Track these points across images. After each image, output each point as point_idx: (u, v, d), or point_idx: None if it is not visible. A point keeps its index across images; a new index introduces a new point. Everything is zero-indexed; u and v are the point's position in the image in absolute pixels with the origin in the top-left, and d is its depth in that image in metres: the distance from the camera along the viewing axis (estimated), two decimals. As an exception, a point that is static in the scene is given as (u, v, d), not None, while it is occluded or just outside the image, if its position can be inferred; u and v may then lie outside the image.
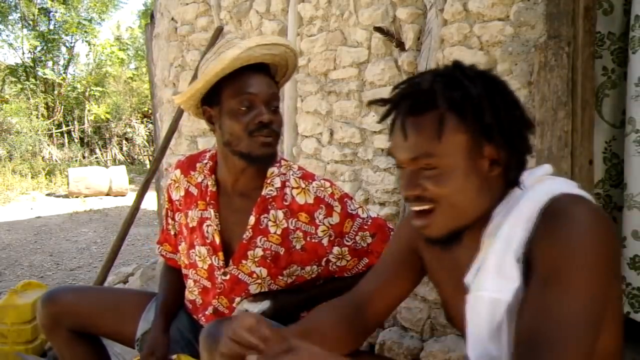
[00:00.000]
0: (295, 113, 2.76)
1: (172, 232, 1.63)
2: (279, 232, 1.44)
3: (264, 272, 1.45)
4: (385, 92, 2.31)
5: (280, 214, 1.44)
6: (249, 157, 1.40)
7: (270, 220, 1.44)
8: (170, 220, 1.63)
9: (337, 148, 2.52)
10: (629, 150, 1.67)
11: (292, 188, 1.44)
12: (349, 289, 1.46)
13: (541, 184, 0.95)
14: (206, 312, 1.54)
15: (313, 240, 1.43)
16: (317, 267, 1.48)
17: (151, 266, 3.58)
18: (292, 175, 1.46)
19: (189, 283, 1.58)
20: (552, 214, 0.87)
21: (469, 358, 0.97)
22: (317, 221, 1.42)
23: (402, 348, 2.12)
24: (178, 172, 1.59)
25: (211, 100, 1.42)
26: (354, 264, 1.48)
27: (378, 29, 2.25)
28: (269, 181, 1.45)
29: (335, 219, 1.43)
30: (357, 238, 1.45)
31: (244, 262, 1.45)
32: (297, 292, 1.49)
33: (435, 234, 0.93)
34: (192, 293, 1.58)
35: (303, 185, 1.44)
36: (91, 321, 1.58)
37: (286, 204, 1.44)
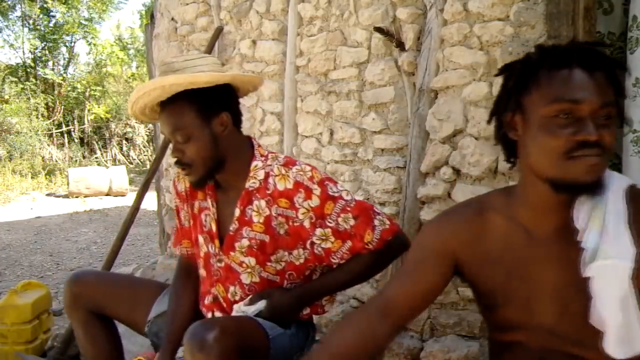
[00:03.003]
0: (295, 113, 2.76)
1: (187, 225, 1.66)
2: (261, 220, 1.48)
3: (253, 261, 1.49)
4: (386, 92, 2.31)
5: (262, 203, 1.48)
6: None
7: (253, 210, 1.49)
8: (181, 215, 1.68)
9: (337, 148, 2.52)
10: (627, 150, 1.67)
11: (275, 176, 1.48)
12: (340, 281, 1.52)
13: (617, 173, 1.07)
14: (206, 302, 1.58)
15: (295, 224, 1.46)
16: (303, 250, 1.49)
17: (151, 266, 3.58)
18: (276, 164, 1.50)
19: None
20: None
21: (604, 332, 0.99)
22: (296, 205, 1.45)
23: (402, 348, 2.12)
24: None
25: None
26: (339, 246, 1.47)
27: (378, 29, 2.25)
28: (251, 174, 1.49)
29: (314, 201, 1.44)
30: (340, 220, 1.45)
31: (232, 253, 1.50)
32: (291, 291, 1.50)
33: (598, 177, 0.99)
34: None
35: (284, 172, 1.47)
36: (107, 303, 1.67)
37: (268, 192, 1.47)
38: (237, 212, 1.50)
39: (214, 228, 1.54)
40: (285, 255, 1.50)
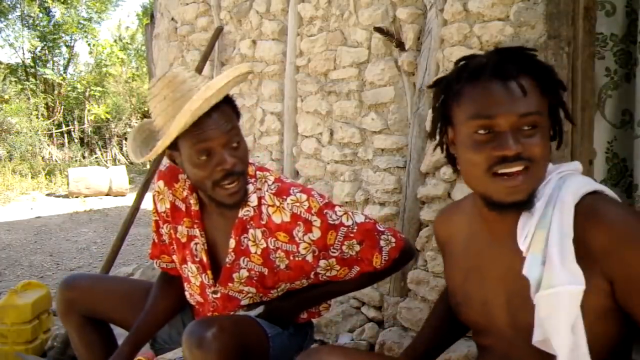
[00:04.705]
0: (295, 113, 2.76)
1: (167, 241, 1.60)
2: (259, 252, 1.41)
3: (253, 290, 1.44)
4: (386, 92, 2.31)
5: (258, 233, 1.40)
6: (218, 203, 1.36)
7: (250, 240, 1.41)
8: (161, 231, 1.60)
9: (337, 148, 2.52)
10: (639, 152, 1.67)
11: (268, 206, 1.39)
12: (340, 290, 1.53)
13: (577, 177, 1.00)
14: None
15: (297, 259, 1.39)
16: (306, 280, 1.46)
17: (151, 266, 3.57)
18: (267, 190, 1.40)
19: (186, 294, 1.58)
20: (597, 214, 0.92)
21: (557, 354, 0.95)
22: (296, 239, 1.37)
23: (402, 348, 2.12)
24: (161, 183, 1.53)
25: (170, 145, 1.33)
26: (345, 273, 1.44)
27: (378, 29, 2.25)
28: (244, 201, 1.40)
29: (316, 234, 1.37)
30: (344, 248, 1.40)
31: (230, 284, 1.44)
32: (291, 297, 1.48)
33: (523, 196, 0.94)
34: (189, 302, 1.60)
35: (277, 203, 1.38)
36: (102, 307, 1.62)
37: (263, 222, 1.39)
38: (233, 243, 1.41)
39: (204, 259, 1.46)
40: (287, 285, 1.46)
